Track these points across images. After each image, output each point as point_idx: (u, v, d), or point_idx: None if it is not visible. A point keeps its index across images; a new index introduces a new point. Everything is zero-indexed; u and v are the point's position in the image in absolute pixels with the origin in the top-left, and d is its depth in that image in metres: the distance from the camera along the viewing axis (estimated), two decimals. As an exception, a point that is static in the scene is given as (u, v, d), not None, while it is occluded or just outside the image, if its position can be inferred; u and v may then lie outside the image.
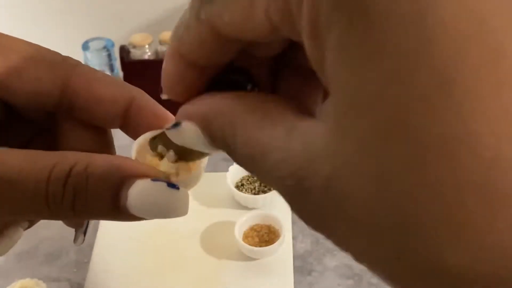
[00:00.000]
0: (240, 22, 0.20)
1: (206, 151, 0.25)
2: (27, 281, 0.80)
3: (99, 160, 0.27)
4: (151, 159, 0.30)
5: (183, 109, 0.24)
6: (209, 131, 0.23)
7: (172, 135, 0.25)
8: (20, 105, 0.30)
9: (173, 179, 0.28)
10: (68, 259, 0.83)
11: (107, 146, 0.32)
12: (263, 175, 0.21)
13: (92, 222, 0.33)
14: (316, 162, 0.18)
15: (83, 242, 0.33)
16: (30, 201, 0.26)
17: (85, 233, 0.33)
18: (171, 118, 0.31)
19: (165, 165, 0.29)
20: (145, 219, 0.27)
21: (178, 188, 0.27)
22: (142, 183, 0.26)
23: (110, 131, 0.33)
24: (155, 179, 0.26)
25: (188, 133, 0.23)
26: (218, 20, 0.21)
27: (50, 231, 0.85)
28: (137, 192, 0.26)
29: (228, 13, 0.20)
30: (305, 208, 0.19)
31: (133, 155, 0.30)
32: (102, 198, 0.26)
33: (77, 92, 0.29)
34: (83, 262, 0.80)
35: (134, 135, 0.31)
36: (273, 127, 0.20)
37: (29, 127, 0.32)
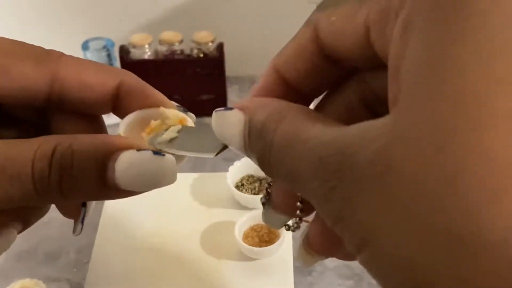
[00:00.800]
0: (343, 23, 0.22)
1: (226, 142, 0.25)
2: (26, 281, 0.80)
3: (82, 137, 0.27)
4: (139, 136, 0.29)
5: (241, 103, 0.25)
6: (253, 120, 0.24)
7: (216, 117, 0.25)
8: (10, 103, 0.30)
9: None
10: (68, 259, 0.83)
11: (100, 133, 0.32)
12: (295, 159, 0.21)
13: (91, 215, 0.33)
14: (366, 139, 0.18)
15: (81, 231, 0.32)
16: (17, 184, 0.26)
17: (82, 222, 0.32)
18: (160, 97, 0.31)
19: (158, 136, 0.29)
20: (134, 193, 0.27)
21: (163, 155, 0.26)
22: (127, 154, 0.26)
23: (102, 118, 0.32)
24: (139, 149, 0.26)
25: (232, 118, 0.24)
26: (324, 21, 0.23)
27: (50, 231, 0.85)
28: (123, 163, 0.26)
29: (336, 13, 0.22)
30: (343, 186, 0.19)
31: (120, 132, 0.30)
32: (88, 174, 0.26)
33: (65, 82, 0.29)
34: (83, 262, 0.80)
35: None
36: (322, 125, 0.21)
37: (20, 127, 0.32)
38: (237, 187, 0.75)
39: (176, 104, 0.32)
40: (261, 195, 0.74)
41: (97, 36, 1.13)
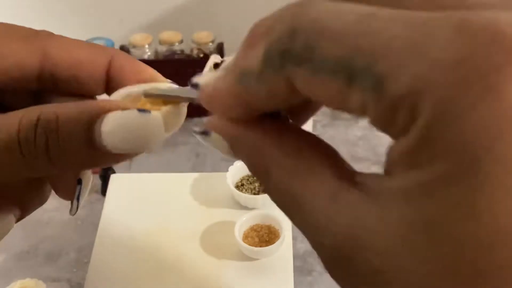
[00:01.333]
0: (328, 97, 0.20)
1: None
2: (26, 281, 0.80)
3: (67, 104, 0.26)
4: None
5: (215, 120, 0.24)
6: (236, 153, 0.23)
7: (200, 138, 0.25)
8: (1, 87, 0.29)
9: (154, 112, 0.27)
10: (68, 259, 0.83)
11: None
12: (296, 223, 0.21)
13: (88, 206, 0.33)
14: (366, 237, 0.18)
15: (77, 210, 0.32)
16: (4, 154, 0.25)
17: (78, 199, 0.31)
18: (152, 72, 0.31)
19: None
20: (126, 158, 0.26)
21: (149, 112, 0.26)
22: (113, 115, 0.26)
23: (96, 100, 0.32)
24: (125, 109, 0.26)
25: (216, 142, 0.24)
26: (301, 81, 0.20)
27: (50, 231, 0.85)
28: (109, 124, 0.25)
29: (322, 88, 0.19)
30: (341, 271, 0.20)
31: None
32: (74, 137, 0.25)
33: (56, 59, 0.29)
34: (83, 262, 0.80)
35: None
36: (313, 181, 0.20)
37: None
38: (237, 187, 0.75)
39: (170, 81, 0.32)
40: (261, 195, 0.74)
41: (97, 36, 1.13)
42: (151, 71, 0.31)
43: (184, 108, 0.30)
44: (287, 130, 0.23)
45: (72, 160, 0.26)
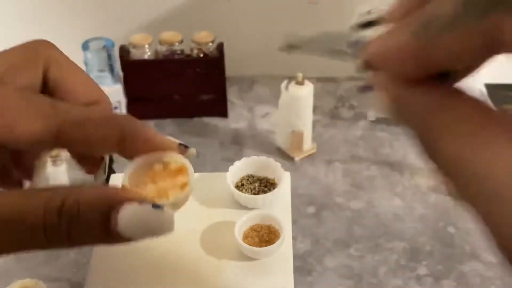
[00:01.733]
0: None
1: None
2: (27, 281, 0.80)
3: (88, 190, 0.29)
4: (142, 185, 0.33)
5: (381, 77, 0.22)
6: (402, 116, 0.22)
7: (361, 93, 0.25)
8: (16, 148, 0.33)
9: (161, 201, 0.31)
10: (68, 259, 0.83)
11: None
12: (469, 192, 0.20)
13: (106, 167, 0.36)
14: None
15: (105, 177, 0.36)
16: (30, 235, 0.29)
17: (105, 172, 0.36)
18: (160, 139, 0.34)
19: (153, 189, 0.33)
20: (135, 241, 0.29)
21: (162, 208, 0.29)
22: (130, 207, 0.28)
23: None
24: (141, 201, 0.29)
25: (378, 100, 0.23)
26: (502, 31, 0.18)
27: (50, 231, 0.85)
28: (125, 215, 0.28)
29: None
30: None
31: (125, 180, 0.33)
32: (93, 224, 0.28)
33: (70, 136, 0.32)
34: (83, 262, 0.80)
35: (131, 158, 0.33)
36: (491, 152, 0.19)
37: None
38: (237, 187, 0.75)
39: (179, 141, 0.35)
40: (261, 195, 0.74)
41: (97, 36, 1.13)
42: (160, 139, 0.33)
43: (191, 191, 0.35)
44: (458, 95, 0.21)
45: (89, 241, 0.29)
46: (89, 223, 0.28)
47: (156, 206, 0.29)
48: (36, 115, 0.31)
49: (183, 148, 0.34)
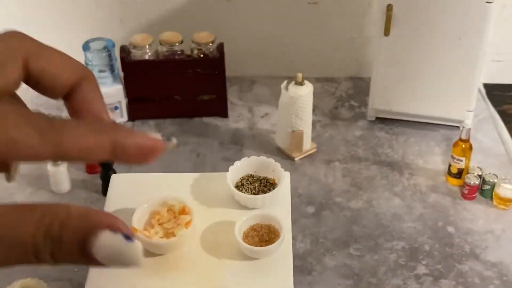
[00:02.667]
0: None
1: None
2: (27, 280, 0.80)
3: (75, 212, 0.31)
4: (149, 228, 0.32)
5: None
6: None
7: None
8: None
9: (155, 238, 0.32)
10: (68, 258, 0.83)
11: None
12: None
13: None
14: None
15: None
16: (20, 251, 0.31)
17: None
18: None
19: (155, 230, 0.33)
20: (109, 267, 0.31)
21: (133, 241, 0.31)
22: (103, 234, 0.31)
23: None
24: (114, 231, 0.31)
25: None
26: None
27: (51, 231, 0.85)
28: (98, 241, 0.31)
29: None
30: None
31: (134, 223, 0.33)
32: (72, 247, 0.31)
33: (68, 151, 0.32)
34: (83, 262, 0.81)
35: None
36: None
37: None
38: (237, 187, 0.75)
39: (160, 135, 0.35)
40: (261, 194, 0.74)
41: (98, 36, 1.14)
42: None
43: (194, 226, 0.36)
44: None
45: (70, 261, 0.32)
46: (69, 245, 0.31)
47: (126, 237, 0.31)
48: (34, 131, 0.31)
49: (166, 141, 0.35)
